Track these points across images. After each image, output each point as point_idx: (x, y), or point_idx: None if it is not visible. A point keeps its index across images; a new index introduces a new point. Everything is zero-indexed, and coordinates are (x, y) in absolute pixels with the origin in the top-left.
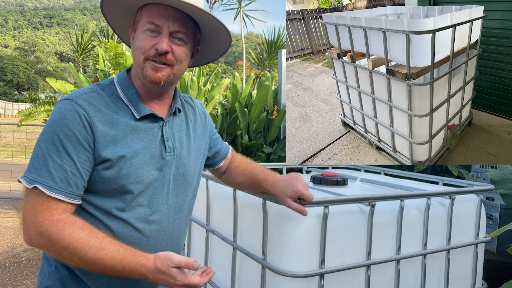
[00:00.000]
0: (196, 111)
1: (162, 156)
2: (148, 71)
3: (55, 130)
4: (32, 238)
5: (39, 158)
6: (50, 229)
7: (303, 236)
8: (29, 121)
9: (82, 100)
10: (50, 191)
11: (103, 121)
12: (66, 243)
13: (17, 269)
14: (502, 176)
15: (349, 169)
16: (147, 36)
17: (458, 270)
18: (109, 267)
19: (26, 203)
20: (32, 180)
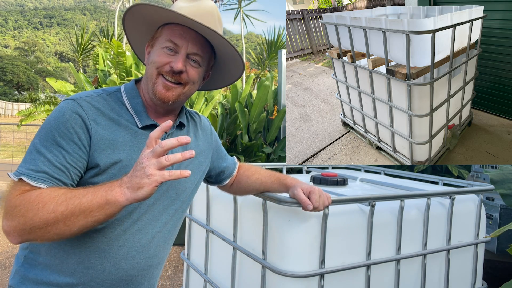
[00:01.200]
0: (202, 127)
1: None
2: (159, 87)
3: (51, 127)
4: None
5: (31, 153)
6: (18, 202)
7: (303, 236)
8: (29, 121)
9: (84, 102)
10: (35, 182)
11: (103, 125)
12: (36, 205)
13: None
14: (502, 176)
15: (349, 169)
16: (164, 53)
17: (458, 270)
18: (87, 206)
19: (7, 195)
20: (19, 173)
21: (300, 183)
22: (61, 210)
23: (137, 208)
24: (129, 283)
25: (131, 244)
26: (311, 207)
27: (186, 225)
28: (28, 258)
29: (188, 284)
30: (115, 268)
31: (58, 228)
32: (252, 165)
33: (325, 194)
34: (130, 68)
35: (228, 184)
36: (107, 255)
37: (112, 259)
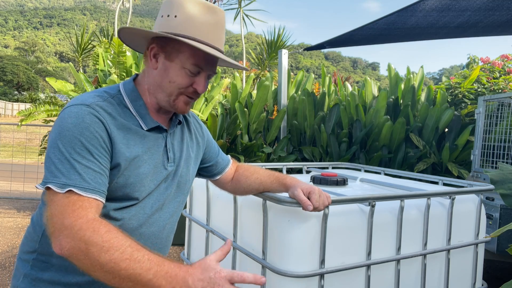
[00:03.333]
0: (194, 121)
1: (164, 167)
2: (181, 104)
3: (74, 134)
4: (63, 243)
5: (63, 163)
6: (85, 227)
7: (303, 236)
8: (29, 121)
9: (97, 107)
10: (85, 191)
11: (117, 130)
12: (102, 241)
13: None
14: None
15: (349, 169)
16: (187, 74)
17: (458, 270)
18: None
19: (54, 208)
20: (63, 184)
21: (300, 183)
22: (121, 267)
23: (152, 203)
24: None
25: (147, 237)
26: (311, 208)
27: (186, 225)
28: (37, 260)
29: None
30: None
31: (105, 277)
32: (252, 165)
33: (325, 194)
34: (130, 68)
35: (224, 181)
36: None
37: None
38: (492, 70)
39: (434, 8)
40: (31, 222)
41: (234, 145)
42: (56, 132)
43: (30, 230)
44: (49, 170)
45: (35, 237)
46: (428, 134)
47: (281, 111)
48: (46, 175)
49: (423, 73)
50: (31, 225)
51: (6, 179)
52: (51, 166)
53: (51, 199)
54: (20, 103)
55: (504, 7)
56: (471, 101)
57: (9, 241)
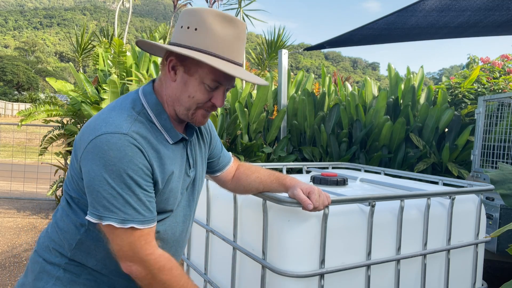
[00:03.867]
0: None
1: (187, 174)
2: (199, 118)
3: (121, 168)
4: (134, 270)
5: (117, 198)
6: (154, 262)
7: (303, 236)
8: (29, 121)
9: (134, 133)
10: (143, 224)
11: (152, 151)
12: (165, 278)
13: (17, 269)
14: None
15: (349, 169)
16: (206, 89)
17: (458, 270)
18: None
19: (121, 241)
20: (123, 220)
21: (300, 183)
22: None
23: (182, 211)
24: None
25: (180, 243)
26: (311, 207)
27: None
28: (70, 265)
29: None
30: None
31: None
32: (252, 164)
33: (324, 194)
34: (130, 68)
35: (225, 179)
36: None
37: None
38: (492, 70)
39: (434, 8)
40: (56, 227)
41: (234, 145)
42: (98, 164)
43: (56, 236)
44: (101, 204)
45: (66, 245)
46: (428, 134)
47: (281, 111)
48: (99, 209)
49: (423, 73)
50: (57, 230)
51: (6, 179)
52: (102, 201)
53: (113, 233)
54: (20, 103)
55: (504, 7)
56: (471, 101)
57: (9, 241)
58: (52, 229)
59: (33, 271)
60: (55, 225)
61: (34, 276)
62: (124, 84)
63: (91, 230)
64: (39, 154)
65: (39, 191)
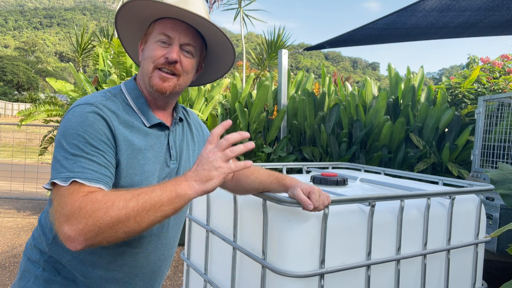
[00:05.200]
0: (193, 121)
1: (167, 164)
2: (156, 80)
3: (78, 132)
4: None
5: (67, 159)
6: (83, 205)
7: (303, 236)
8: (29, 121)
9: (101, 105)
10: (89, 181)
11: (121, 128)
12: (104, 204)
13: (17, 269)
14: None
15: (349, 169)
16: (158, 46)
17: (458, 270)
18: (158, 200)
19: (56, 203)
20: (66, 178)
21: (300, 183)
22: (132, 205)
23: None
24: (156, 273)
25: (157, 238)
26: (312, 207)
27: (186, 225)
28: (49, 262)
29: (188, 284)
30: (146, 261)
31: (128, 226)
32: (252, 165)
33: (324, 194)
34: (130, 68)
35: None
36: (138, 251)
37: (143, 253)
38: (492, 70)
39: (434, 8)
40: (38, 224)
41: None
42: (60, 132)
43: (38, 232)
44: (54, 168)
45: (45, 239)
46: (428, 134)
47: (281, 111)
48: (52, 173)
49: (423, 73)
50: (38, 227)
51: (6, 179)
52: (56, 164)
53: (54, 196)
54: (20, 103)
55: (504, 7)
56: (471, 101)
57: (9, 241)
58: (36, 227)
59: (20, 269)
60: (38, 223)
61: (20, 275)
62: None
63: None
64: (39, 154)
65: (39, 191)
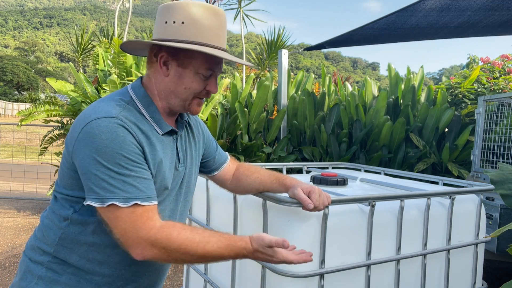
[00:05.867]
0: (194, 121)
1: (176, 168)
2: (195, 107)
3: (114, 149)
4: (145, 251)
5: (115, 179)
6: (159, 236)
7: (303, 236)
8: (29, 121)
9: (123, 117)
10: (146, 201)
11: (142, 136)
12: (177, 245)
13: (17, 269)
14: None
15: (349, 169)
16: (200, 79)
17: (458, 270)
18: (218, 257)
19: (123, 223)
20: (125, 199)
21: (300, 183)
22: (199, 254)
23: (168, 205)
24: (160, 272)
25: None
26: (312, 206)
27: None
28: (53, 263)
29: (188, 284)
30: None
31: (189, 263)
32: (252, 164)
33: (324, 194)
34: (130, 68)
35: (223, 178)
36: None
37: None
38: (492, 70)
39: (434, 8)
40: (41, 225)
41: (234, 145)
42: (91, 149)
43: (41, 233)
44: (100, 187)
45: (49, 240)
46: (428, 134)
47: (281, 111)
48: (99, 192)
49: (423, 73)
50: (41, 227)
51: (6, 179)
52: (101, 183)
53: (116, 215)
54: (20, 103)
55: (504, 7)
56: (471, 101)
57: (9, 241)
58: (38, 227)
59: (20, 270)
60: (41, 223)
61: (20, 276)
62: (124, 84)
63: (73, 224)
64: (39, 154)
65: (39, 191)
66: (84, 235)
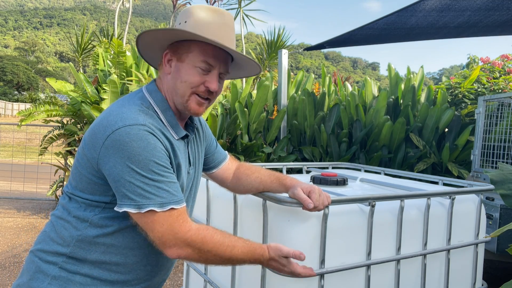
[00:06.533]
0: (197, 122)
1: (188, 171)
2: (193, 104)
3: (147, 157)
4: (180, 251)
5: (150, 185)
6: (195, 238)
7: (303, 236)
8: (29, 121)
9: (151, 125)
10: (179, 204)
11: (166, 142)
12: (210, 247)
13: (17, 269)
14: (502, 176)
15: (349, 169)
16: (198, 72)
17: (458, 270)
18: (241, 261)
19: (159, 225)
20: (161, 204)
21: (300, 183)
22: (226, 257)
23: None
24: (169, 270)
25: None
26: (312, 206)
27: None
28: (68, 263)
29: (188, 284)
30: (166, 259)
31: (216, 264)
32: (252, 164)
33: (324, 194)
34: (130, 68)
35: (222, 177)
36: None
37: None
38: (492, 70)
39: (434, 8)
40: (53, 224)
41: (234, 145)
42: (123, 156)
43: (54, 233)
44: (136, 193)
45: (65, 241)
46: (428, 134)
47: (281, 111)
48: (135, 199)
49: (423, 73)
50: (54, 227)
51: (6, 179)
52: (137, 190)
53: (153, 220)
54: (20, 103)
55: (504, 7)
56: (471, 101)
57: (9, 241)
58: (50, 227)
59: (28, 271)
60: (53, 223)
61: (30, 276)
62: (124, 84)
63: (93, 226)
64: (39, 154)
65: (39, 191)
66: (103, 237)
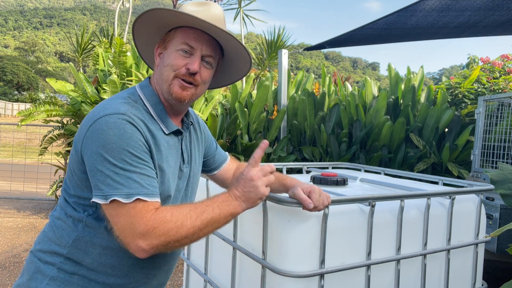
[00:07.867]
0: (195, 122)
1: (181, 168)
2: (175, 88)
3: (121, 145)
4: (145, 247)
5: (120, 175)
6: (156, 225)
7: (303, 236)
8: (29, 121)
9: (132, 114)
10: (149, 197)
11: (149, 134)
12: (174, 225)
13: (17, 269)
14: (502, 176)
15: (349, 169)
16: (180, 55)
17: (458, 270)
18: (217, 218)
19: (124, 220)
20: (128, 194)
21: (300, 183)
22: (197, 224)
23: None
24: (169, 272)
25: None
26: (312, 205)
27: None
28: (66, 264)
29: (188, 284)
30: (164, 261)
31: (192, 239)
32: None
33: (325, 194)
34: (130, 68)
35: (223, 178)
36: (158, 254)
37: (162, 255)
38: (492, 70)
39: (434, 8)
40: (52, 225)
41: (234, 145)
42: (98, 145)
43: (52, 234)
44: (105, 183)
45: (62, 241)
46: (428, 134)
47: (281, 111)
48: (103, 188)
49: (423, 73)
50: (53, 228)
51: (6, 179)
52: (106, 180)
53: (117, 212)
54: (20, 103)
55: (504, 7)
56: (471, 101)
57: (9, 241)
58: (49, 228)
59: (28, 271)
60: (52, 224)
61: (29, 276)
62: (124, 84)
63: (88, 226)
64: (39, 154)
65: (39, 191)
66: (99, 237)
